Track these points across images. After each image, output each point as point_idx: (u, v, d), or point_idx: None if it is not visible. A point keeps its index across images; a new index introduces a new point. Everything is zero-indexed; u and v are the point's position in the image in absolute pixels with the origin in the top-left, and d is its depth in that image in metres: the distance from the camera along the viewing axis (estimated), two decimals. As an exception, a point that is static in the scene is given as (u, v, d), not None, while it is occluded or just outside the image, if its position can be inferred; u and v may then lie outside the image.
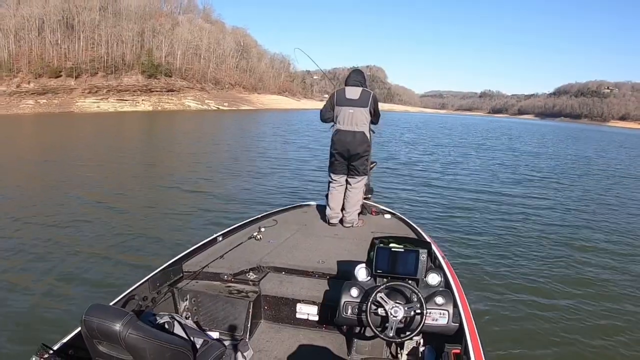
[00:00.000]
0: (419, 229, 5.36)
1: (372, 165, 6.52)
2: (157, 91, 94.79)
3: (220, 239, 4.71)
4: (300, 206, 6.63)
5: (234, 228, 5.05)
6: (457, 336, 2.97)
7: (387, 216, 6.13)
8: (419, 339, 3.29)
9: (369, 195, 6.55)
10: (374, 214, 6.21)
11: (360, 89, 5.44)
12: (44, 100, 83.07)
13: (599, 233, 10.57)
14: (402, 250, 3.30)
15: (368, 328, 3.07)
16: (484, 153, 29.51)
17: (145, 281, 3.49)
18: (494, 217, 11.41)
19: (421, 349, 3.28)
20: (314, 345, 3.59)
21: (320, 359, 3.40)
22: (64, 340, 2.63)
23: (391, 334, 2.92)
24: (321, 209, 6.21)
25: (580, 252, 8.92)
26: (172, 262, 3.89)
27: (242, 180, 15.58)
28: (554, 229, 10.62)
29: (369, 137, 5.51)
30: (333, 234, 5.39)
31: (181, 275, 3.92)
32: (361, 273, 3.37)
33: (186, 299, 3.83)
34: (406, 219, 5.88)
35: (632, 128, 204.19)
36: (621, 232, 10.83)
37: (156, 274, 3.62)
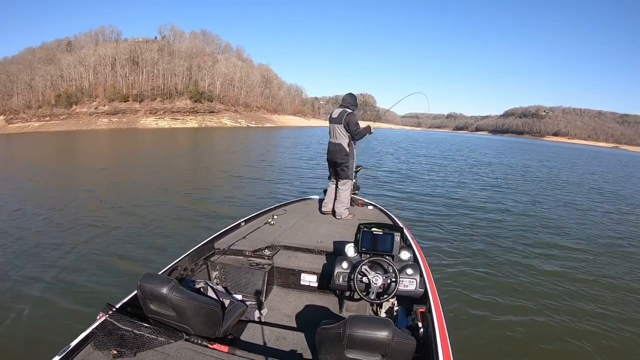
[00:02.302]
0: (394, 217, 5.43)
1: (358, 169, 6.50)
2: (201, 112, 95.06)
3: (243, 223, 4.76)
4: (304, 199, 6.67)
5: (254, 215, 5.08)
6: (423, 299, 3.08)
7: (370, 207, 6.15)
8: (394, 301, 3.36)
9: (356, 191, 6.49)
10: (360, 205, 6.23)
11: (341, 109, 5.32)
12: (115, 119, 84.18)
13: (536, 220, 10.71)
14: (381, 233, 3.45)
15: (355, 292, 3.15)
16: (447, 161, 28.99)
17: (186, 256, 3.56)
18: (453, 209, 11.42)
19: (395, 308, 3.34)
20: (314, 305, 3.65)
21: (319, 316, 3.39)
22: (124, 301, 2.71)
23: (373, 297, 3.07)
24: (319, 202, 6.20)
25: (520, 234, 9.09)
26: (206, 241, 3.99)
27: (261, 179, 15.56)
28: (498, 217, 10.72)
29: (346, 148, 5.35)
30: (329, 220, 5.41)
31: (213, 251, 3.99)
32: (350, 250, 3.48)
33: (217, 270, 3.87)
34: (384, 209, 5.93)
35: (561, 141, 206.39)
36: (555, 219, 11.01)
37: (194, 250, 3.69)
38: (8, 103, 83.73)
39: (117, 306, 2.60)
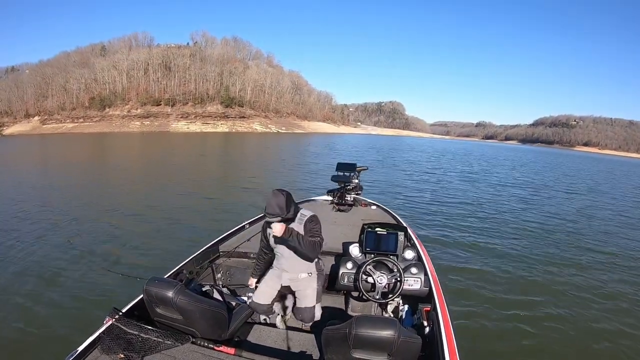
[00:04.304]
0: (397, 217, 5.50)
1: (363, 169, 6.98)
2: (232, 117, 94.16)
3: (248, 226, 4.75)
4: (308, 200, 6.68)
5: (258, 217, 4.93)
6: (428, 297, 3.14)
7: (374, 207, 6.24)
8: (399, 300, 3.40)
9: (360, 192, 6.60)
10: (363, 205, 6.31)
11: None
12: (148, 122, 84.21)
13: (543, 220, 10.85)
14: (385, 233, 3.50)
15: (361, 292, 3.22)
16: (452, 166, 28.40)
17: (191, 259, 3.57)
18: (456, 209, 11.61)
19: (400, 307, 3.35)
20: (321, 306, 3.39)
21: (325, 316, 3.25)
22: (130, 305, 2.69)
23: (378, 297, 3.16)
24: (323, 203, 6.36)
25: (525, 233, 9.21)
26: (211, 244, 4.01)
27: (273, 182, 15.51)
28: (503, 216, 11.02)
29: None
30: (332, 221, 5.34)
31: (218, 254, 4.02)
32: (354, 250, 3.53)
33: (222, 272, 3.93)
34: (388, 209, 6.02)
35: (592, 152, 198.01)
36: (558, 222, 10.95)
37: (199, 253, 3.71)
38: (43, 104, 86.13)
39: (124, 310, 2.58)
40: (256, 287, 3.38)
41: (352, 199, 6.29)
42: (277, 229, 2.80)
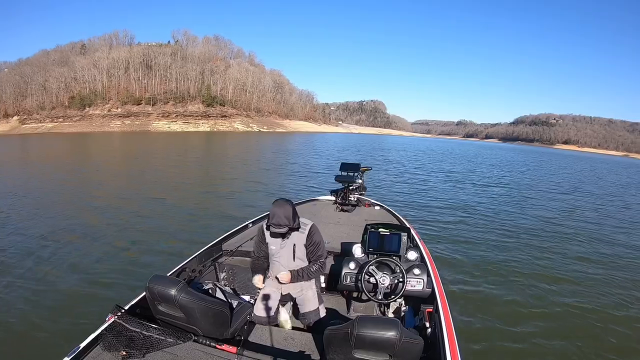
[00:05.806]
0: (401, 217, 5.56)
1: (367, 169, 7.04)
2: (213, 116, 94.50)
3: (251, 225, 4.84)
4: (311, 200, 6.84)
5: (261, 217, 4.99)
6: (430, 298, 3.13)
7: (377, 208, 6.30)
8: (401, 301, 3.40)
9: (363, 192, 6.68)
10: (367, 206, 6.36)
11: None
12: (128, 122, 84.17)
13: (544, 222, 10.99)
14: (388, 233, 3.49)
15: (363, 292, 3.23)
16: (450, 166, 28.71)
17: (194, 257, 3.62)
18: (458, 210, 11.69)
19: (403, 308, 3.37)
20: (324, 306, 3.38)
21: (326, 316, 3.24)
22: (133, 302, 2.73)
23: (380, 297, 3.17)
24: (326, 202, 6.51)
25: (527, 235, 9.32)
26: (214, 243, 4.05)
27: (270, 182, 16.06)
28: (506, 217, 11.20)
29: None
30: (336, 221, 5.42)
31: (221, 252, 4.06)
32: (357, 251, 3.52)
33: (225, 271, 3.95)
34: (391, 210, 6.05)
35: (572, 149, 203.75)
36: (565, 223, 11.12)
37: (202, 252, 3.76)
38: (22, 104, 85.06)
39: (126, 307, 2.60)
40: (259, 289, 3.23)
41: (355, 199, 6.29)
42: (286, 279, 3.01)
